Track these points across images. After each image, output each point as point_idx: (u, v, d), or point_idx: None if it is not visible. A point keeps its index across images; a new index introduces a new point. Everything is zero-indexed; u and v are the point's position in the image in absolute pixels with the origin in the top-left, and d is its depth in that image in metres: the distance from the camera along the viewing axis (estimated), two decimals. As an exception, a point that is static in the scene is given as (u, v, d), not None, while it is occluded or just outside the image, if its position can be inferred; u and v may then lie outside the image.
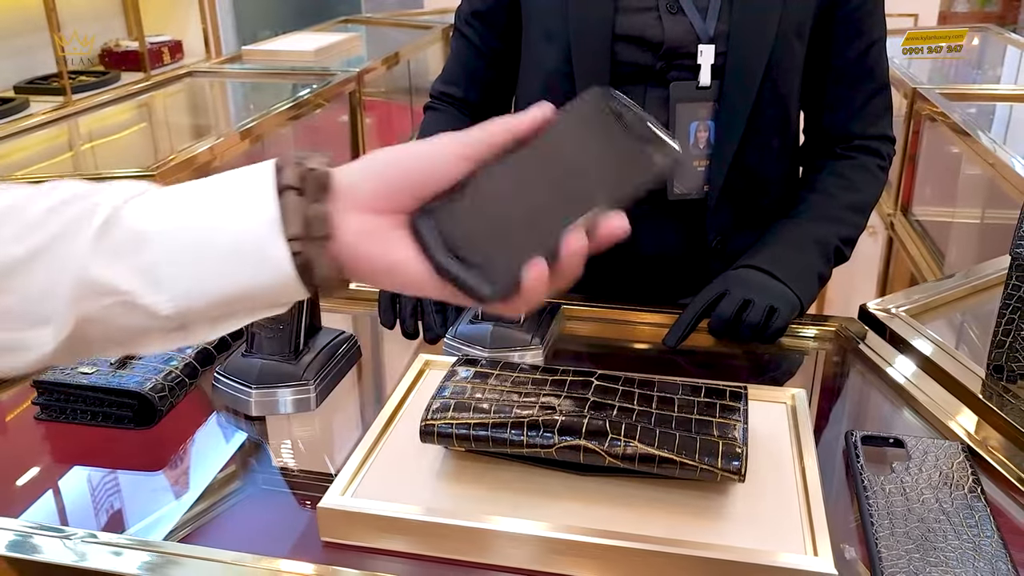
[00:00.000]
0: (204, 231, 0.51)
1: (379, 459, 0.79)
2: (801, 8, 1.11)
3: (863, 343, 1.06)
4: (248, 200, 0.52)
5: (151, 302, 0.50)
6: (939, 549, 0.69)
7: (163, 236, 0.51)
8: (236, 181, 0.53)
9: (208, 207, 0.52)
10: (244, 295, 0.52)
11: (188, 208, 0.52)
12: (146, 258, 0.50)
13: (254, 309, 0.54)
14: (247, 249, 0.51)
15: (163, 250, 0.51)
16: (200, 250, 0.51)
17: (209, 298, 0.51)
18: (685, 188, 1.16)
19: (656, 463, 0.71)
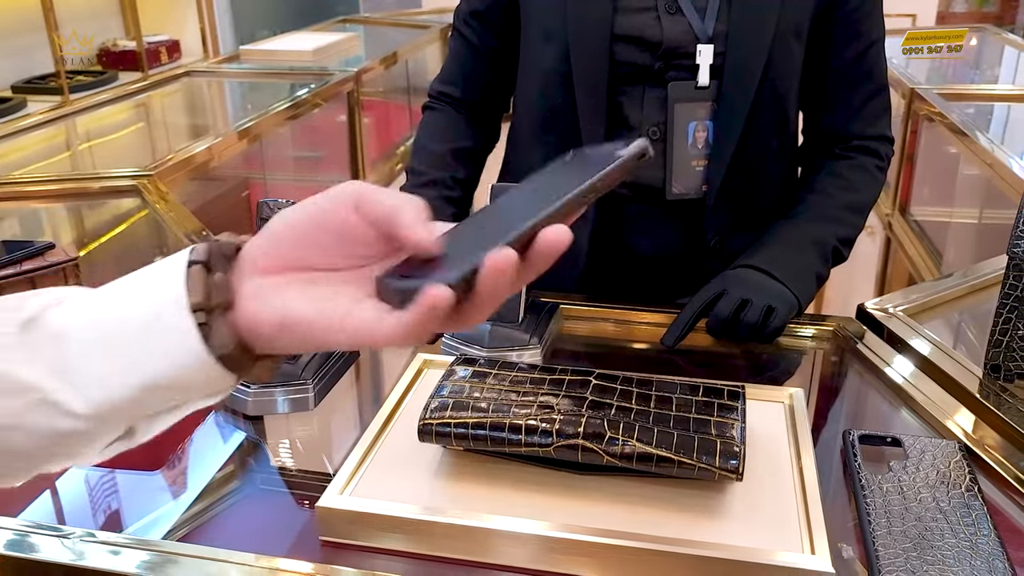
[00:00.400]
0: (114, 320, 0.49)
1: (377, 458, 0.79)
2: (799, 9, 1.11)
3: (861, 343, 1.06)
4: (156, 283, 0.50)
5: (64, 399, 0.48)
6: (936, 548, 0.69)
7: (78, 331, 0.49)
8: (150, 269, 0.51)
9: (120, 297, 0.50)
10: (161, 381, 0.49)
11: (103, 301, 0.50)
12: (64, 353, 0.49)
13: (186, 399, 0.51)
14: (154, 328, 0.49)
15: (77, 345, 0.49)
16: (110, 339, 0.49)
17: (126, 390, 0.49)
18: (683, 188, 1.16)
19: (654, 462, 0.71)
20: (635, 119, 1.14)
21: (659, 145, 1.15)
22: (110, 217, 1.68)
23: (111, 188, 1.71)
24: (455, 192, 1.24)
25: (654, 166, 1.15)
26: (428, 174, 1.24)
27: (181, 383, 0.49)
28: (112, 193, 1.71)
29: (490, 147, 1.33)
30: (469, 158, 1.28)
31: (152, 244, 1.54)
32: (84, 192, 1.72)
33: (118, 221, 1.67)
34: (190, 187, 1.94)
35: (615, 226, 1.19)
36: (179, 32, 3.32)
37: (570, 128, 1.16)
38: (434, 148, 1.26)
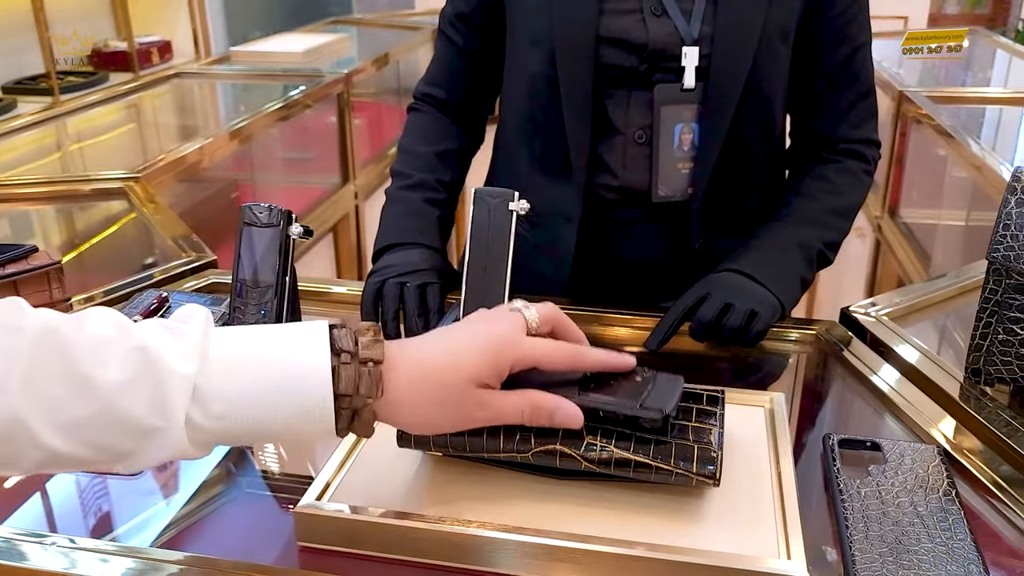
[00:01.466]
0: (259, 368, 0.60)
1: (357, 463, 0.79)
2: (785, 12, 1.11)
3: (844, 347, 1.06)
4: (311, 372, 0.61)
5: (193, 414, 0.59)
6: (912, 552, 0.69)
7: (220, 362, 0.60)
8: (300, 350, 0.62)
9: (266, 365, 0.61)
10: (276, 436, 0.64)
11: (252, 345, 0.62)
12: (202, 373, 0.59)
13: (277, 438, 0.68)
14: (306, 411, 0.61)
15: (218, 371, 0.60)
16: (253, 381, 0.60)
17: (246, 427, 0.60)
18: (669, 191, 1.16)
19: (632, 467, 0.71)
20: (620, 121, 1.15)
21: (645, 148, 1.15)
22: (97, 220, 1.68)
23: (98, 191, 1.71)
24: (440, 194, 1.24)
25: (640, 168, 1.16)
26: (413, 176, 1.24)
27: (293, 436, 0.64)
28: (99, 196, 1.70)
29: (475, 149, 1.33)
30: (454, 160, 1.28)
31: (139, 248, 1.53)
32: (71, 195, 1.71)
33: (105, 224, 1.67)
34: (179, 189, 1.94)
35: (601, 229, 1.20)
36: (171, 33, 3.32)
37: (555, 130, 1.16)
38: (419, 150, 1.26)
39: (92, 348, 0.56)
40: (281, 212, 0.93)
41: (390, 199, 1.24)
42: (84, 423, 0.56)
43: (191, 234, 1.40)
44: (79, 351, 0.56)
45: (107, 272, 1.35)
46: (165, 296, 1.07)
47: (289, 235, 0.93)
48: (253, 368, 0.59)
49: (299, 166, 2.97)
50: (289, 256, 0.94)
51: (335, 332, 0.62)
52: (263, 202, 0.96)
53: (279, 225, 0.93)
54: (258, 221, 0.94)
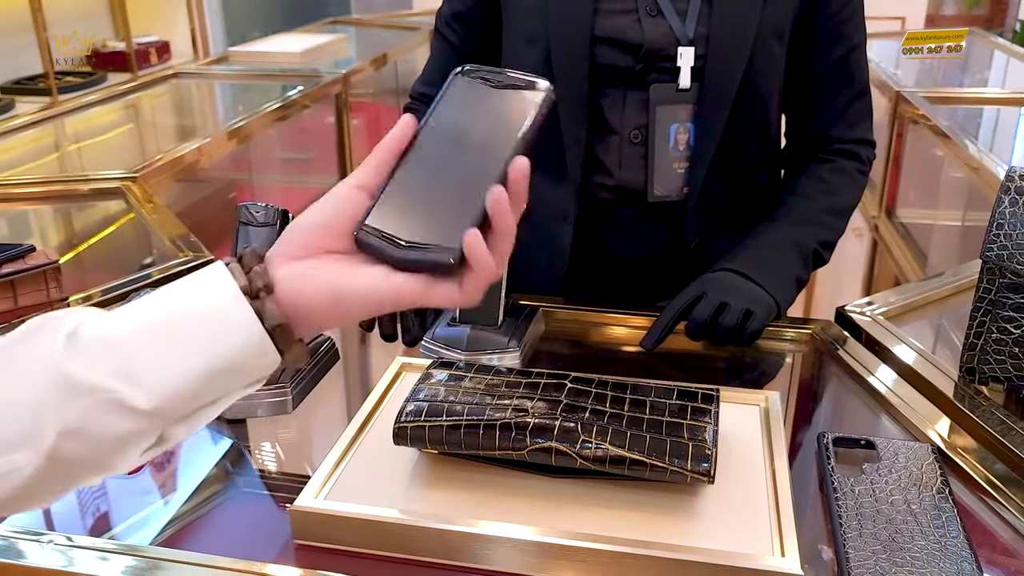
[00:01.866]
0: (165, 316, 0.53)
1: (353, 461, 0.79)
2: (780, 12, 1.11)
3: (839, 346, 1.06)
4: (198, 281, 0.54)
5: (130, 397, 0.51)
6: (906, 549, 0.69)
7: (129, 334, 0.52)
8: (190, 276, 0.56)
9: (164, 298, 0.54)
10: (221, 364, 0.53)
11: (145, 306, 0.54)
12: (118, 357, 0.51)
13: (230, 387, 0.55)
14: (211, 315, 0.53)
15: (133, 345, 0.52)
16: (169, 335, 0.52)
17: (185, 382, 0.52)
18: (665, 190, 1.17)
19: (627, 465, 0.72)
20: (616, 121, 1.15)
21: (641, 147, 1.15)
22: (95, 220, 1.68)
23: (96, 190, 1.71)
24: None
25: (636, 168, 1.16)
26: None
27: (237, 364, 0.54)
28: (97, 195, 1.71)
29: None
30: None
31: (136, 247, 1.54)
32: (69, 194, 1.72)
33: (104, 224, 1.67)
34: (177, 189, 1.94)
35: (596, 228, 1.20)
36: (169, 33, 3.32)
37: (552, 131, 1.16)
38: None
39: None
40: (277, 211, 0.94)
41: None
42: None
43: (188, 234, 1.41)
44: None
45: (105, 272, 1.35)
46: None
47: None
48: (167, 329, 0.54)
49: (297, 166, 2.97)
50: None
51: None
52: (260, 202, 0.96)
53: (275, 224, 0.93)
54: (254, 220, 0.94)
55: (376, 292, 0.54)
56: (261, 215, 0.94)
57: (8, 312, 1.10)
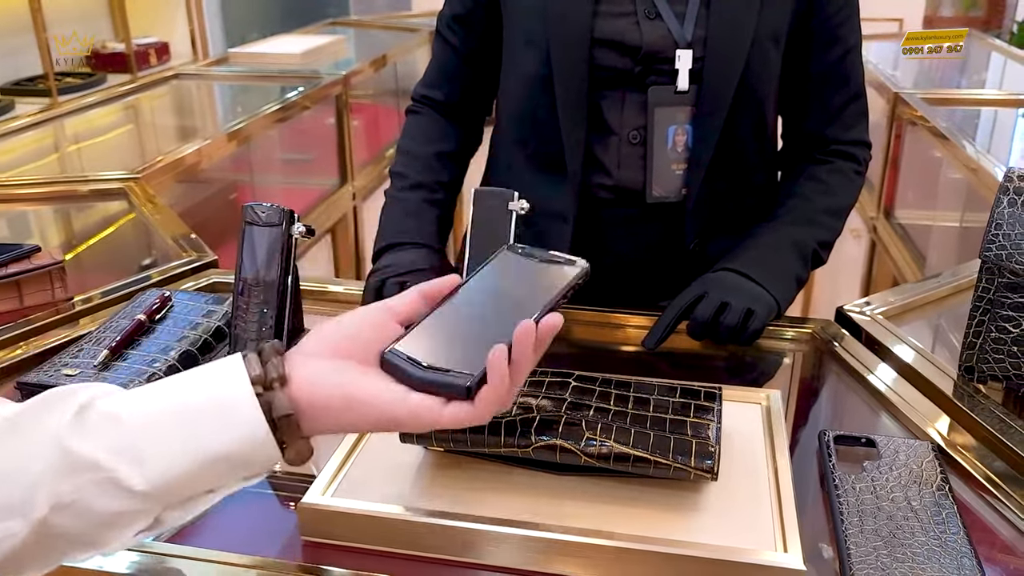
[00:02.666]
0: (175, 401, 0.54)
1: (360, 459, 0.80)
2: (777, 15, 1.12)
3: (839, 345, 1.07)
4: (213, 370, 0.56)
5: (127, 477, 0.51)
6: (907, 545, 0.70)
7: (137, 415, 0.53)
8: (209, 364, 0.57)
9: (177, 384, 0.55)
10: (221, 454, 0.53)
11: (158, 390, 0.55)
12: (122, 435, 0.52)
13: (228, 477, 0.55)
14: (217, 403, 0.54)
15: (138, 426, 0.52)
16: (172, 418, 0.53)
17: (187, 464, 0.53)
18: (663, 191, 1.17)
19: (631, 462, 0.72)
20: (615, 123, 1.16)
21: (639, 148, 1.16)
22: (97, 220, 1.69)
23: (99, 191, 1.72)
24: (439, 195, 1.25)
25: (635, 168, 1.17)
26: (412, 178, 1.25)
27: (238, 455, 0.54)
28: (100, 196, 1.71)
29: (473, 150, 1.35)
30: (452, 161, 1.29)
31: (140, 247, 1.54)
32: (71, 195, 1.72)
33: (105, 224, 1.67)
34: (178, 190, 1.95)
35: (595, 229, 1.21)
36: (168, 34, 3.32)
37: (551, 131, 1.17)
38: (418, 151, 1.28)
39: None
40: (283, 211, 0.94)
41: (390, 200, 1.25)
42: None
43: (191, 234, 1.41)
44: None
45: (108, 272, 1.36)
46: (168, 295, 1.08)
47: (291, 234, 0.94)
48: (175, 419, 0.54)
49: (298, 167, 2.98)
50: (291, 255, 0.95)
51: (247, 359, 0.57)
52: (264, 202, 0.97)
53: (281, 224, 0.94)
54: (260, 220, 0.95)
55: (392, 406, 0.56)
56: (267, 215, 0.94)
57: (14, 312, 1.10)
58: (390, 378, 0.57)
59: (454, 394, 0.56)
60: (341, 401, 0.55)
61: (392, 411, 0.56)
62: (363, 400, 0.55)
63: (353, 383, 0.56)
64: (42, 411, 0.53)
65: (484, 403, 0.56)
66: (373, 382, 0.56)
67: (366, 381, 0.56)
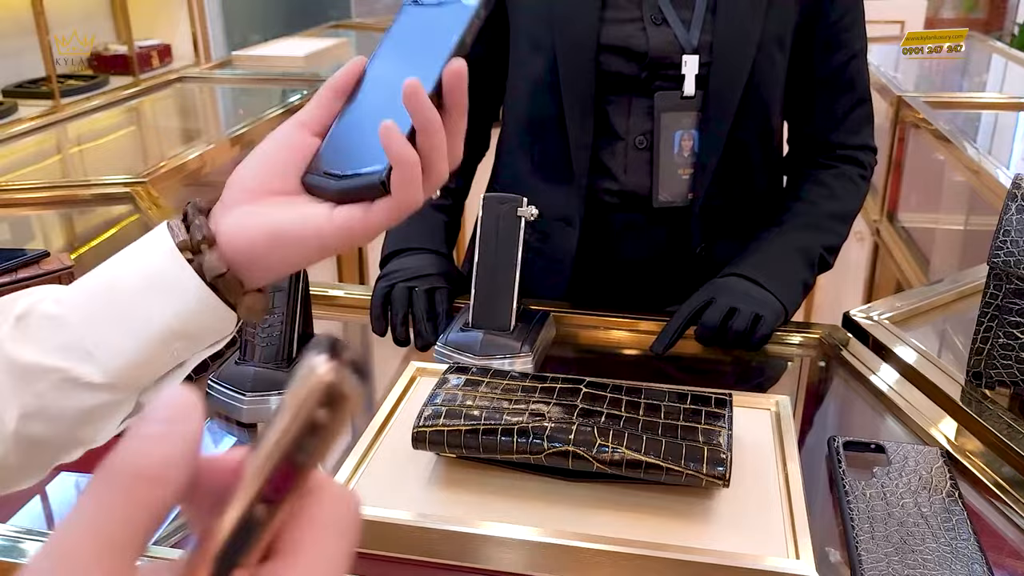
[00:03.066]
0: (107, 287, 0.52)
1: (372, 465, 0.80)
2: (782, 21, 1.13)
3: (846, 350, 1.08)
4: (138, 247, 0.53)
5: (82, 372, 0.50)
6: (917, 552, 0.71)
7: (75, 310, 0.51)
8: (132, 245, 0.54)
9: (106, 270, 0.53)
10: (169, 329, 0.52)
11: (90, 279, 0.53)
12: (65, 334, 0.51)
13: (194, 346, 0.54)
14: (150, 279, 0.51)
15: (78, 321, 0.51)
16: (110, 304, 0.51)
17: (138, 347, 0.51)
18: (670, 196, 1.18)
19: (643, 468, 0.73)
20: (622, 128, 1.16)
21: (646, 153, 1.16)
22: (104, 224, 1.69)
23: (105, 195, 1.72)
24: (446, 201, 1.25)
25: (641, 173, 1.17)
26: (419, 183, 1.25)
27: (188, 327, 0.52)
28: (106, 200, 1.71)
29: (480, 156, 1.35)
30: (459, 167, 1.29)
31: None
32: (78, 199, 1.72)
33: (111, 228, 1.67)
34: (183, 193, 1.95)
35: (602, 233, 1.21)
36: (170, 36, 3.32)
37: (558, 136, 1.17)
38: (425, 157, 1.28)
39: None
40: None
41: (396, 205, 1.25)
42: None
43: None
44: None
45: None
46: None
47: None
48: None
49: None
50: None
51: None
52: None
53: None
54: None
55: (317, 230, 0.52)
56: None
57: (23, 317, 1.10)
58: (315, 201, 0.53)
59: (374, 194, 0.52)
60: (267, 239, 0.52)
61: (319, 234, 0.52)
62: (288, 231, 0.52)
63: (275, 218, 0.52)
64: None
65: (401, 187, 0.52)
66: (295, 210, 0.53)
67: (288, 211, 0.53)
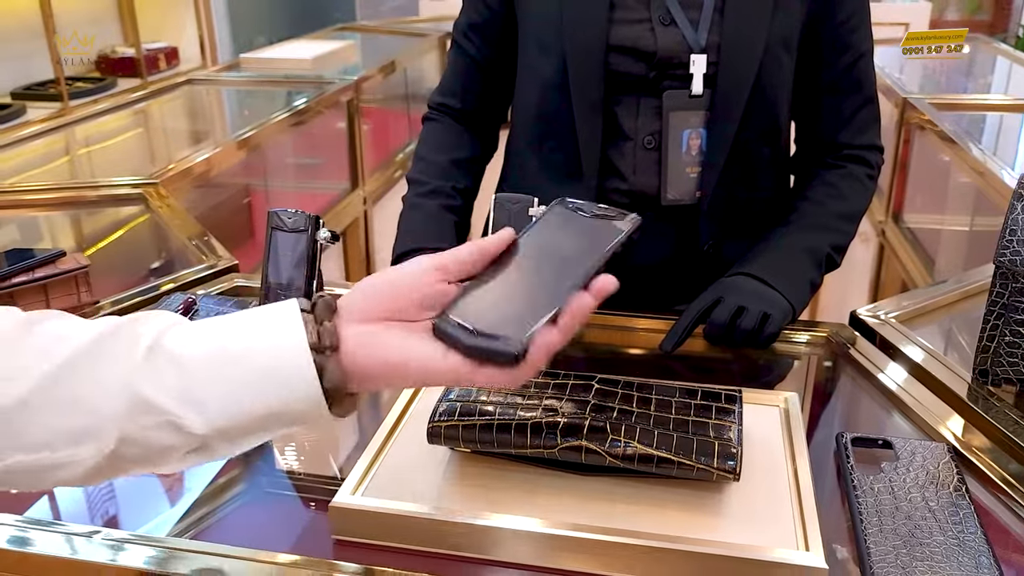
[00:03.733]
0: (239, 354, 0.57)
1: (387, 460, 0.81)
2: (789, 21, 1.14)
3: (854, 348, 1.09)
4: (274, 323, 0.58)
5: (189, 423, 0.56)
6: (925, 545, 0.72)
7: (202, 360, 0.56)
8: (263, 311, 0.60)
9: (241, 332, 0.58)
10: (273, 413, 0.57)
11: (221, 334, 0.58)
12: (187, 381, 0.56)
13: (276, 427, 0.59)
14: (281, 367, 0.57)
15: (203, 373, 0.56)
16: (234, 370, 0.57)
17: (242, 417, 0.57)
18: (678, 194, 1.19)
19: (655, 463, 0.74)
20: (630, 127, 1.17)
21: (654, 153, 1.17)
22: (117, 225, 1.70)
23: (117, 196, 1.74)
24: (456, 201, 1.27)
25: (649, 173, 1.18)
26: (429, 184, 1.26)
27: (291, 412, 0.58)
28: (118, 201, 1.73)
29: (489, 156, 1.36)
30: (469, 168, 1.31)
31: (160, 251, 1.56)
32: (89, 200, 1.74)
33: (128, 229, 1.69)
34: (192, 194, 1.97)
35: (612, 233, 1.22)
36: (177, 39, 3.34)
37: (567, 137, 1.19)
38: (434, 158, 1.29)
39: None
40: (308, 217, 0.96)
41: (407, 206, 1.27)
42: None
43: (211, 238, 1.43)
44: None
45: (131, 276, 1.37)
46: (192, 299, 1.10)
47: (316, 240, 0.96)
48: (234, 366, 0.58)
49: (309, 172, 2.99)
50: (316, 261, 0.97)
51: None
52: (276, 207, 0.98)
53: (307, 230, 0.96)
54: (286, 226, 0.96)
55: (433, 369, 0.58)
56: (292, 221, 0.96)
57: (41, 315, 1.12)
58: (434, 341, 0.59)
59: (503, 362, 0.57)
60: (385, 368, 0.58)
61: (431, 377, 0.59)
62: (406, 364, 0.58)
63: (398, 349, 0.58)
64: (108, 344, 0.57)
65: (523, 371, 0.58)
66: (415, 345, 0.59)
67: (410, 346, 0.59)
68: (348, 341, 0.58)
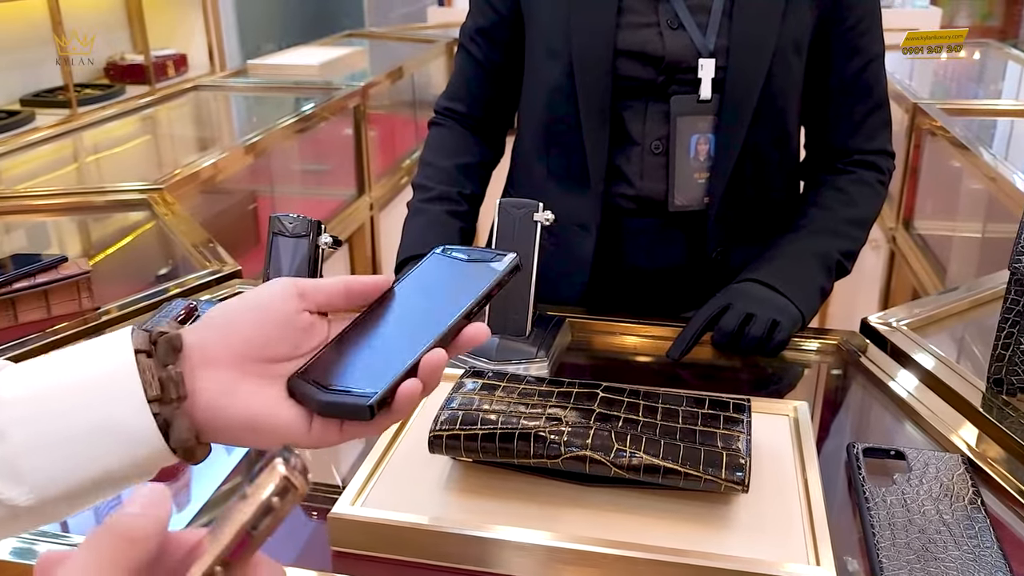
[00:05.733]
0: (64, 416, 0.49)
1: (388, 469, 0.80)
2: (799, 25, 1.13)
3: (864, 356, 1.07)
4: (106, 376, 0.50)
5: (10, 496, 0.49)
6: (939, 559, 0.70)
7: (20, 427, 0.49)
8: (93, 354, 0.52)
9: (68, 383, 0.50)
10: (115, 474, 0.50)
11: (45, 390, 0.50)
12: (3, 450, 0.48)
13: (118, 488, 0.53)
14: (110, 428, 0.50)
15: (21, 441, 0.49)
16: (60, 435, 0.49)
17: (72, 483, 0.50)
18: (686, 200, 1.17)
19: (661, 474, 0.72)
20: (638, 133, 1.16)
21: (662, 158, 1.16)
22: (122, 231, 1.70)
23: (122, 201, 1.73)
24: (462, 207, 1.25)
25: (657, 178, 1.17)
26: (435, 189, 1.25)
27: (133, 473, 0.51)
28: (123, 207, 1.72)
29: (495, 162, 1.35)
30: (475, 173, 1.30)
31: (165, 257, 1.55)
32: (95, 205, 1.74)
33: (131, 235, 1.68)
34: (199, 200, 1.96)
35: (618, 238, 1.21)
36: (186, 46, 3.34)
37: (574, 142, 1.17)
38: (441, 163, 1.28)
39: None
40: (310, 223, 0.95)
41: (413, 211, 1.26)
42: None
43: (216, 244, 1.42)
44: None
45: (134, 282, 1.36)
46: (194, 305, 1.08)
47: (318, 245, 0.95)
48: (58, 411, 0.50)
49: (316, 178, 2.99)
50: (318, 266, 0.96)
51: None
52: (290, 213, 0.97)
53: (308, 235, 0.94)
54: (287, 231, 0.95)
55: (293, 435, 0.54)
56: (293, 226, 0.95)
57: (42, 321, 1.11)
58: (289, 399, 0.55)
59: (358, 417, 0.54)
60: (241, 429, 0.53)
61: (292, 438, 0.54)
62: (263, 429, 0.53)
63: (253, 411, 0.53)
64: None
65: (382, 422, 0.55)
66: (275, 408, 0.54)
67: (267, 406, 0.53)
68: (198, 393, 0.51)
